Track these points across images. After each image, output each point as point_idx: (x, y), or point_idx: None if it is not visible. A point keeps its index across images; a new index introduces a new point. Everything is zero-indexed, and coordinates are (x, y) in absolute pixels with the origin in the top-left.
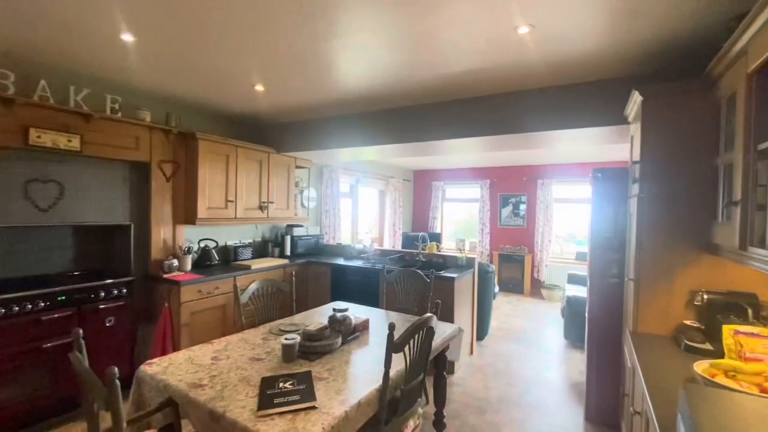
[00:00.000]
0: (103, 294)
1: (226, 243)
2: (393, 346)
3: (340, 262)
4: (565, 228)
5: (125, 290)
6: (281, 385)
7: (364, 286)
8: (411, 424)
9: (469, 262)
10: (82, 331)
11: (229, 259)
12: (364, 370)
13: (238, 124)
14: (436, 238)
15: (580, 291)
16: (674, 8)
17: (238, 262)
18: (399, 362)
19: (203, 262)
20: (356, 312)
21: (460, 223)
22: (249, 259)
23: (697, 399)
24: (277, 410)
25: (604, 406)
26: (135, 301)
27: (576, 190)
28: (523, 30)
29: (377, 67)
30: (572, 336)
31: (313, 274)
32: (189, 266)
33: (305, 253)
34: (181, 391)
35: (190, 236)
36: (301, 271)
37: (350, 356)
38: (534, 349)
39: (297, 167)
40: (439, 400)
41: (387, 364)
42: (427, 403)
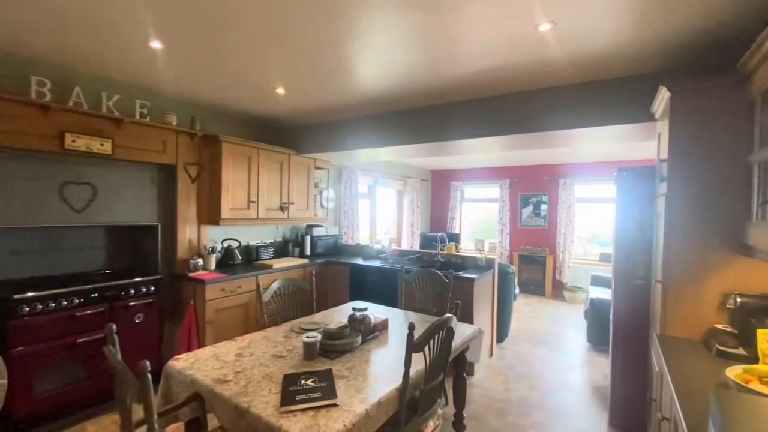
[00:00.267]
0: (132, 291)
1: (249, 243)
2: (413, 346)
3: (359, 262)
4: (588, 229)
5: (153, 288)
6: (303, 382)
7: (383, 286)
8: (431, 424)
9: (489, 263)
10: (115, 327)
11: (251, 258)
12: (384, 369)
13: (259, 127)
14: (455, 238)
15: (604, 293)
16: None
17: (260, 262)
18: (419, 362)
19: (226, 262)
20: (375, 312)
21: (479, 224)
22: (270, 259)
23: (729, 405)
24: (300, 407)
25: (630, 411)
26: (162, 298)
27: (599, 190)
28: (545, 27)
29: (396, 67)
30: (595, 339)
31: (333, 273)
32: (213, 265)
33: (324, 252)
34: (207, 386)
35: (214, 236)
36: (320, 271)
37: (370, 355)
38: (556, 352)
39: (316, 168)
40: (459, 401)
41: (407, 364)
42: (447, 403)
